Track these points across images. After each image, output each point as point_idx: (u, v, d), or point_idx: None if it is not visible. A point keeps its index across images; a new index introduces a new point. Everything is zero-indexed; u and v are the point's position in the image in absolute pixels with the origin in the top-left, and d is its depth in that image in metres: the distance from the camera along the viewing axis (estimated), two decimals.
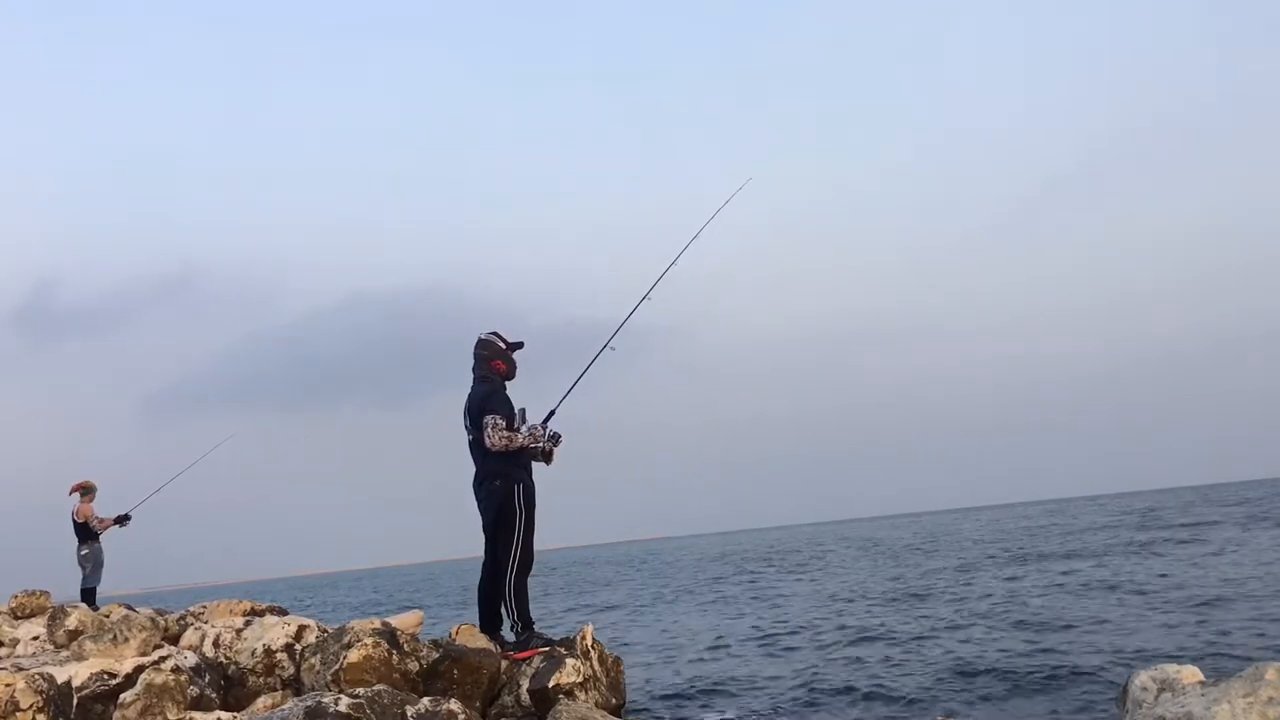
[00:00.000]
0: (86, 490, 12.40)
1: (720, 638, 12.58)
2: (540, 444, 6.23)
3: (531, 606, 6.34)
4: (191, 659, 6.03)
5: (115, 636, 5.84)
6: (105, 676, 5.59)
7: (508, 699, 5.71)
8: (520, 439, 6.11)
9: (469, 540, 7.02)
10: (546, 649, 5.96)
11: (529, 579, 6.29)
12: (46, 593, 10.28)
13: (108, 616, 7.95)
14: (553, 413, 6.42)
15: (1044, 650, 9.18)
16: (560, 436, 6.30)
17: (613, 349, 6.84)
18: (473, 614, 6.72)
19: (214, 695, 5.79)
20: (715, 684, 9.03)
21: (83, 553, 12.28)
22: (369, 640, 5.56)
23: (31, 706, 5.13)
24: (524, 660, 5.91)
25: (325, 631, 6.55)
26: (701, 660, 10.70)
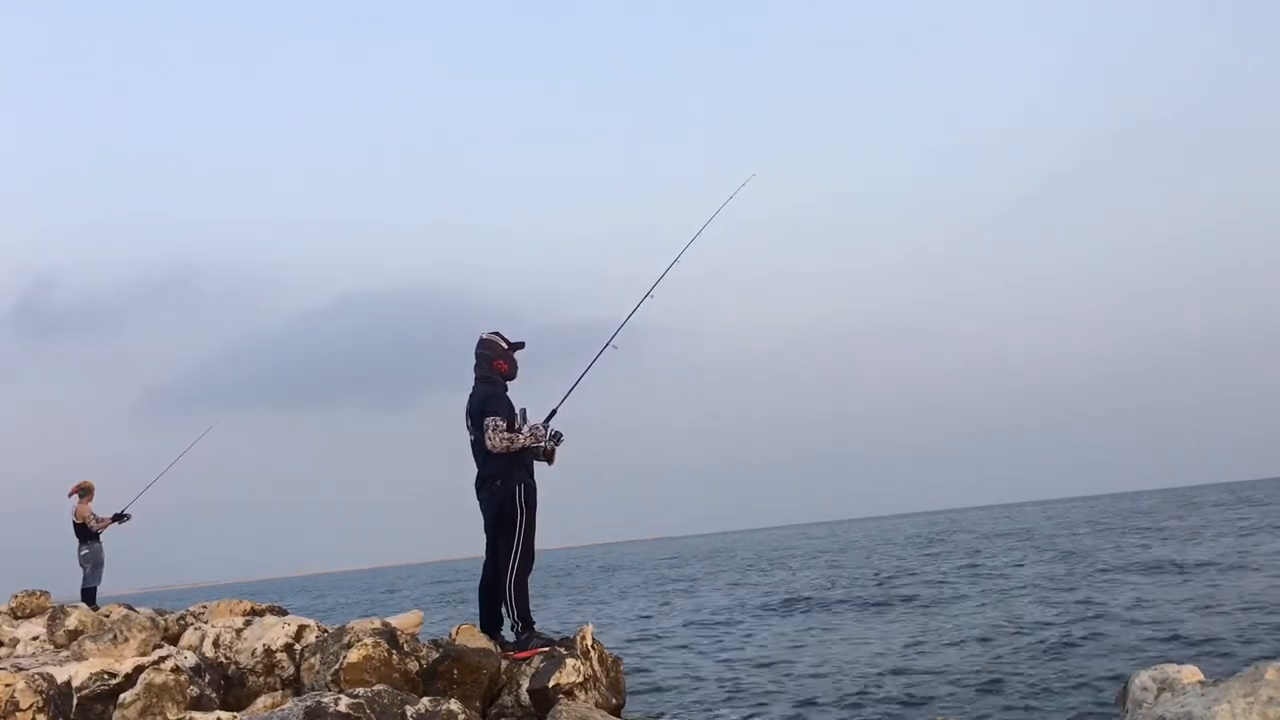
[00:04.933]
0: (84, 491, 12.42)
1: (720, 637, 12.58)
2: (542, 444, 6.23)
3: (532, 606, 6.34)
4: (191, 659, 6.03)
5: (115, 636, 5.83)
6: (105, 676, 5.59)
7: (508, 699, 5.71)
8: (521, 440, 6.11)
9: (470, 540, 7.02)
10: (546, 649, 5.96)
11: (530, 578, 6.29)
12: (46, 593, 10.28)
13: (108, 616, 7.95)
14: (554, 412, 6.42)
15: (1043, 650, 9.18)
16: (562, 436, 6.30)
17: (615, 348, 6.84)
18: (473, 614, 6.72)
19: (214, 695, 5.79)
20: (715, 684, 9.03)
21: (83, 553, 12.31)
22: (369, 640, 5.56)
23: (31, 706, 5.13)
24: (524, 660, 5.91)
25: (325, 631, 6.55)
26: (702, 660, 10.70)
